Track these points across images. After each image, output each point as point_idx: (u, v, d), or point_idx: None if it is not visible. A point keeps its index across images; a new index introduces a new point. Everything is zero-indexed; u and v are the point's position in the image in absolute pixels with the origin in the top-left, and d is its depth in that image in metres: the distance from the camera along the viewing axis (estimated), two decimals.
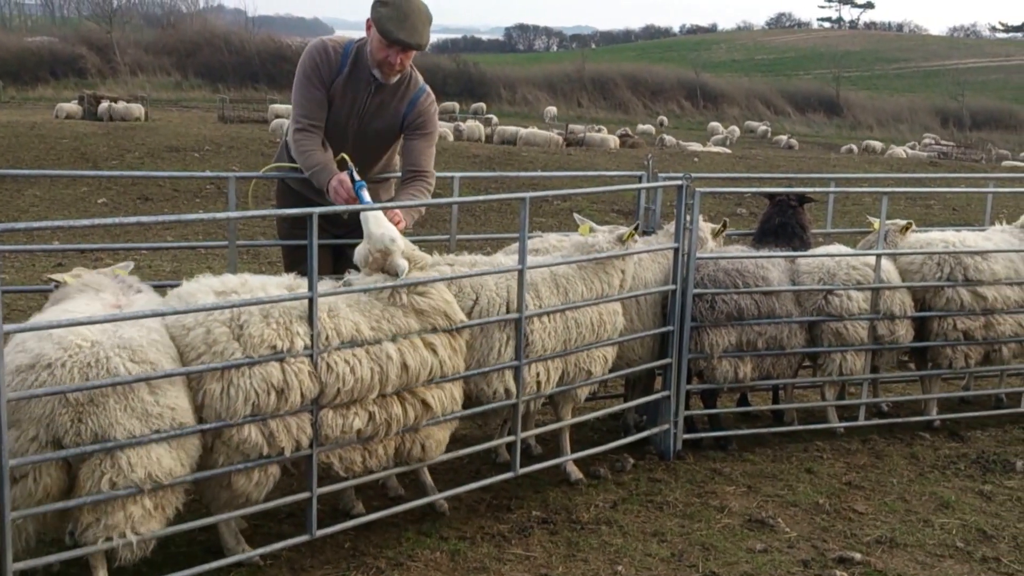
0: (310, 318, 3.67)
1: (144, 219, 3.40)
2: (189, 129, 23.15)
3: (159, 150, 18.31)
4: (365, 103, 4.66)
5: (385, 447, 4.03)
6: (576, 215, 5.37)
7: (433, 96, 4.81)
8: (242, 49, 57.74)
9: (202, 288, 3.69)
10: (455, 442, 5.32)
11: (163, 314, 3.55)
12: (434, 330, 4.07)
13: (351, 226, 4.67)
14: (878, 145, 40.62)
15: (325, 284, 3.92)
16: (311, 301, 3.66)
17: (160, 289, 4.06)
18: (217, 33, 60.85)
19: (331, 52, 4.59)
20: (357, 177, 4.39)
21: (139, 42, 58.65)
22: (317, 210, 3.69)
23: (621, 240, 4.95)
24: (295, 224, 4.78)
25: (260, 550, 3.83)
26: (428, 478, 4.57)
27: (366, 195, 4.38)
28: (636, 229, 4.99)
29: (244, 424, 3.55)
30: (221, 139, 20.12)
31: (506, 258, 4.90)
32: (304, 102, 4.61)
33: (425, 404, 4.08)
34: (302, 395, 3.66)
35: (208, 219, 3.64)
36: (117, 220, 3.36)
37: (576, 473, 5.04)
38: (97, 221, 3.29)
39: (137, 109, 32.93)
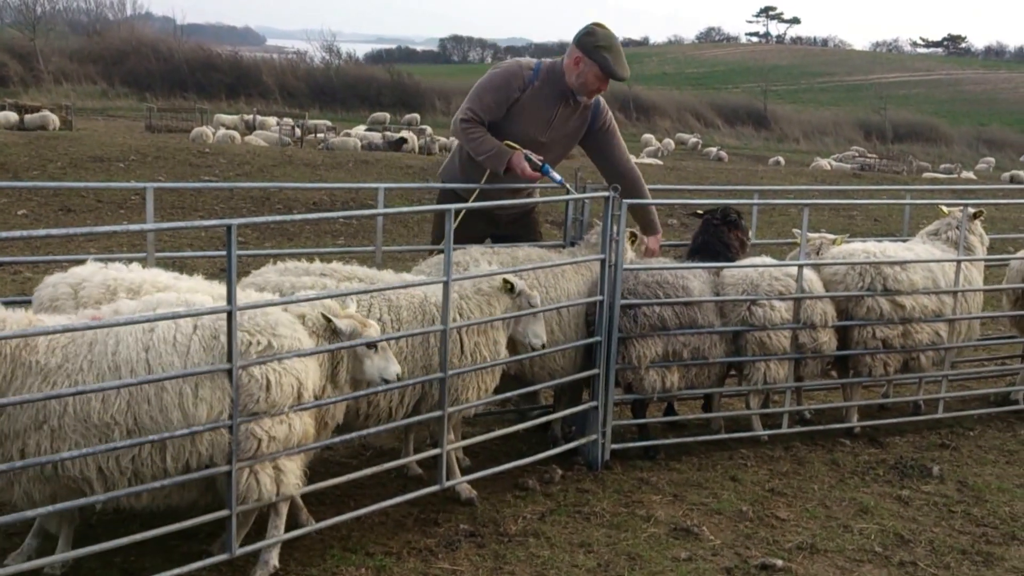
0: (229, 332, 3.60)
1: (54, 232, 3.31)
2: (114, 138, 22.51)
3: (83, 160, 17.77)
4: (555, 115, 5.65)
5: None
6: None
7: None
8: (170, 57, 56.47)
9: None
10: (381, 456, 5.27)
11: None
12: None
13: (510, 225, 5.91)
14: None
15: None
16: (230, 315, 3.59)
17: None
18: (145, 41, 59.32)
19: (523, 69, 5.61)
20: (536, 159, 5.36)
21: (64, 50, 56.84)
22: (245, 221, 3.61)
23: None
24: (442, 219, 5.30)
25: (178, 570, 3.72)
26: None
27: (555, 173, 5.51)
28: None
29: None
30: (147, 149, 19.63)
31: (413, 276, 4.93)
32: (482, 100, 5.56)
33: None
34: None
35: (121, 231, 3.55)
36: (26, 233, 3.27)
37: (467, 492, 4.88)
38: (4, 235, 3.20)
39: (51, 119, 31.26)
